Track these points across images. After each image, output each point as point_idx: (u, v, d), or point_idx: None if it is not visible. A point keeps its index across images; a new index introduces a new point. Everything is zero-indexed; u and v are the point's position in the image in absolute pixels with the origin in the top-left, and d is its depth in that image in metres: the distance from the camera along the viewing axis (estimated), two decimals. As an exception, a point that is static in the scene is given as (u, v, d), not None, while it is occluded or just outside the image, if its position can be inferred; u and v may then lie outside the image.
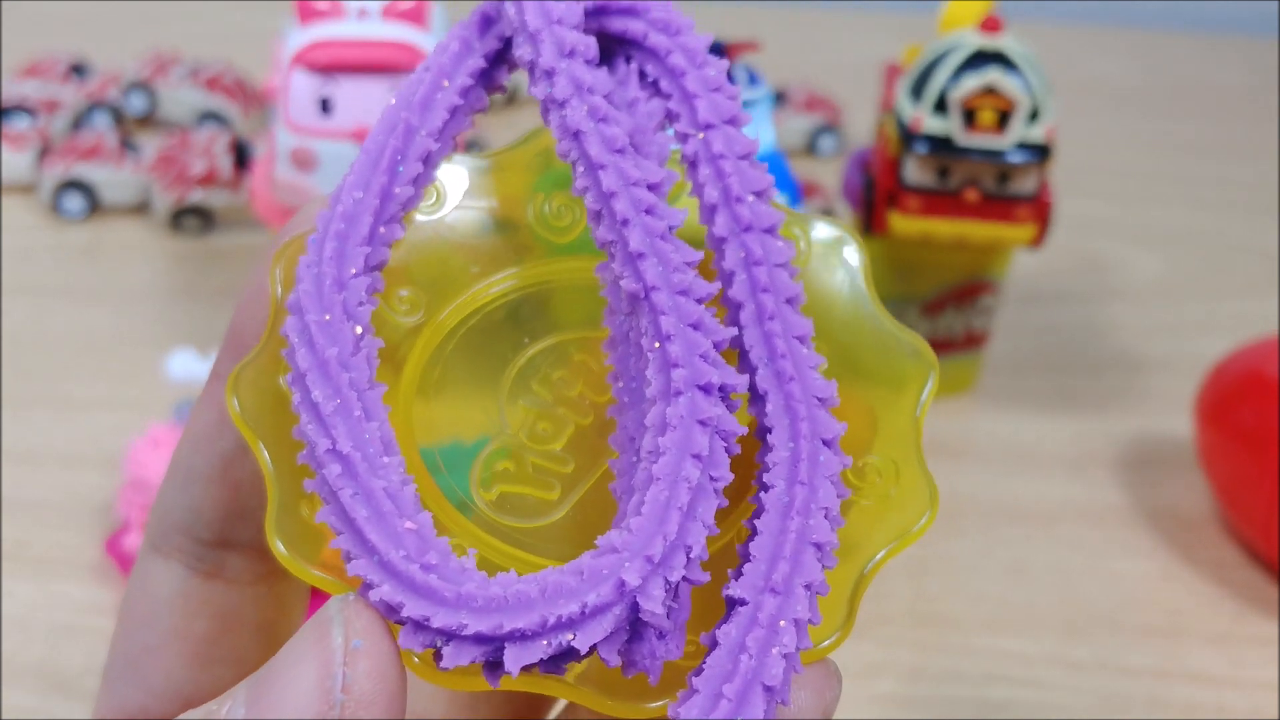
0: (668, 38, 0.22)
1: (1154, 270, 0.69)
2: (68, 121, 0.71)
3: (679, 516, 0.17)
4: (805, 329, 0.19)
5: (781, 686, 0.17)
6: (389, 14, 0.47)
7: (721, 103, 0.21)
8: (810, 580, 0.18)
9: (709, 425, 0.18)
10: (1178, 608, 0.46)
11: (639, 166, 0.19)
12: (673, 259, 0.19)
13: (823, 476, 0.19)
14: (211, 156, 0.65)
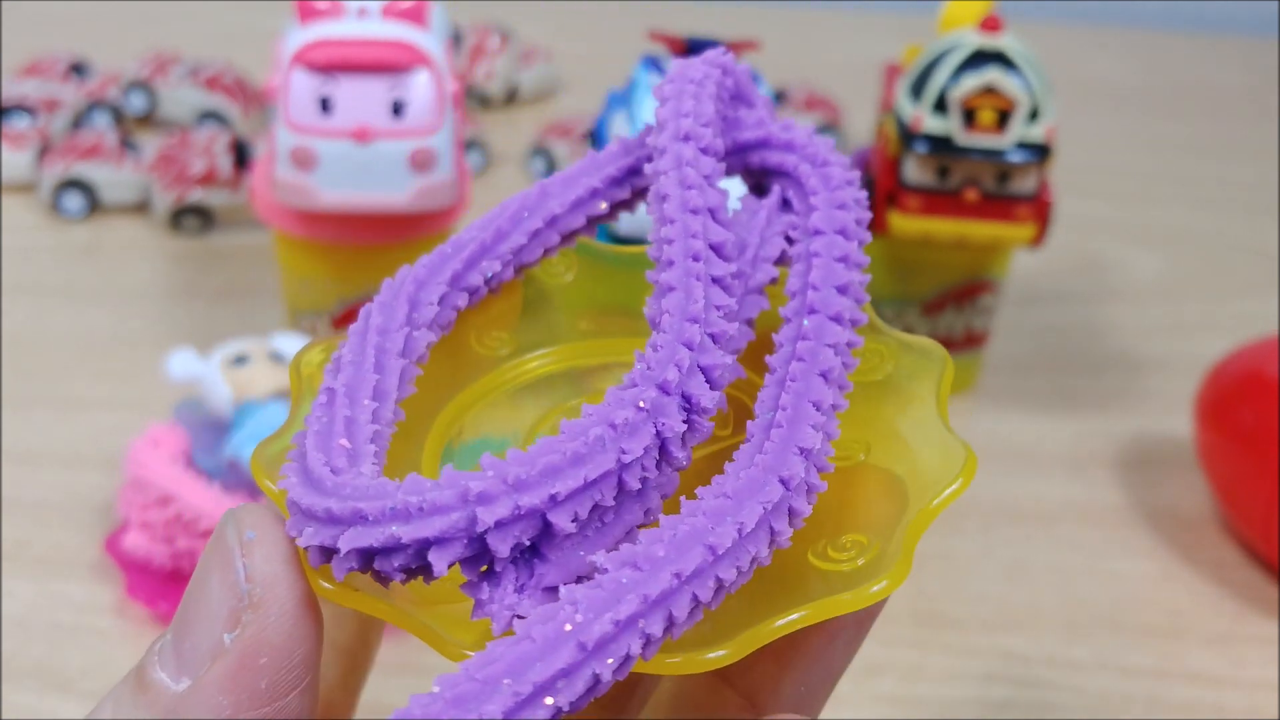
0: (813, 168, 0.23)
1: (1154, 270, 0.69)
2: (68, 121, 0.71)
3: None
4: (823, 397, 0.19)
5: (800, 481, 0.18)
6: (389, 13, 0.47)
7: (838, 215, 0.22)
8: (818, 399, 0.19)
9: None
10: (1178, 608, 0.46)
11: (706, 228, 0.21)
12: (701, 296, 0.20)
13: (828, 318, 0.20)
14: (211, 156, 0.65)
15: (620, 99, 0.52)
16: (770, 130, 0.23)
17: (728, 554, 0.17)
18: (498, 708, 0.15)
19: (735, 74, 0.24)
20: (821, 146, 0.23)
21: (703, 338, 0.19)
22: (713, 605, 0.17)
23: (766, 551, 0.17)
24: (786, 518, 0.18)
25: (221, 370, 0.44)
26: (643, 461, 0.18)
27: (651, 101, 0.48)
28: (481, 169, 0.73)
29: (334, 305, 0.51)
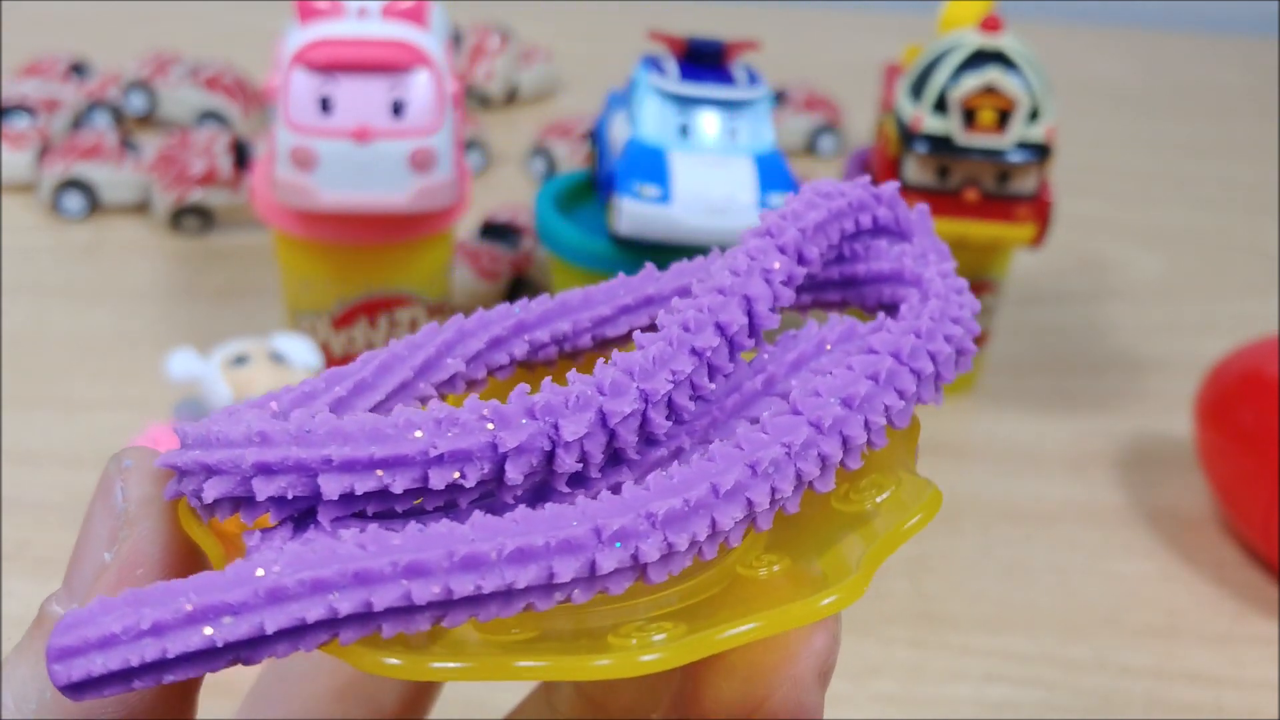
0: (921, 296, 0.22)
1: (1154, 270, 0.69)
2: (68, 121, 0.71)
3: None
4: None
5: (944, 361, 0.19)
6: (389, 13, 0.47)
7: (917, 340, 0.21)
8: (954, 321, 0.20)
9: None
10: (1177, 608, 0.46)
11: (722, 307, 0.20)
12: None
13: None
14: (211, 156, 0.65)
15: (620, 99, 0.52)
16: (904, 265, 0.22)
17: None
18: (155, 614, 0.15)
19: (894, 207, 0.22)
20: (941, 283, 0.21)
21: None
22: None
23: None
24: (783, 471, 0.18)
25: (221, 370, 0.44)
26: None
27: (652, 101, 0.48)
28: (481, 169, 0.73)
29: (334, 305, 0.51)
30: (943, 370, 0.20)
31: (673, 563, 0.17)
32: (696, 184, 0.46)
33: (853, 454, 0.18)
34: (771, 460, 0.17)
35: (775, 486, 0.17)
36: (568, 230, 0.50)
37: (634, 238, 0.47)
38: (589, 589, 0.17)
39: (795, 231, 0.21)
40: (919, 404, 0.20)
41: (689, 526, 0.17)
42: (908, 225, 0.22)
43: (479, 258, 0.59)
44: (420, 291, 0.51)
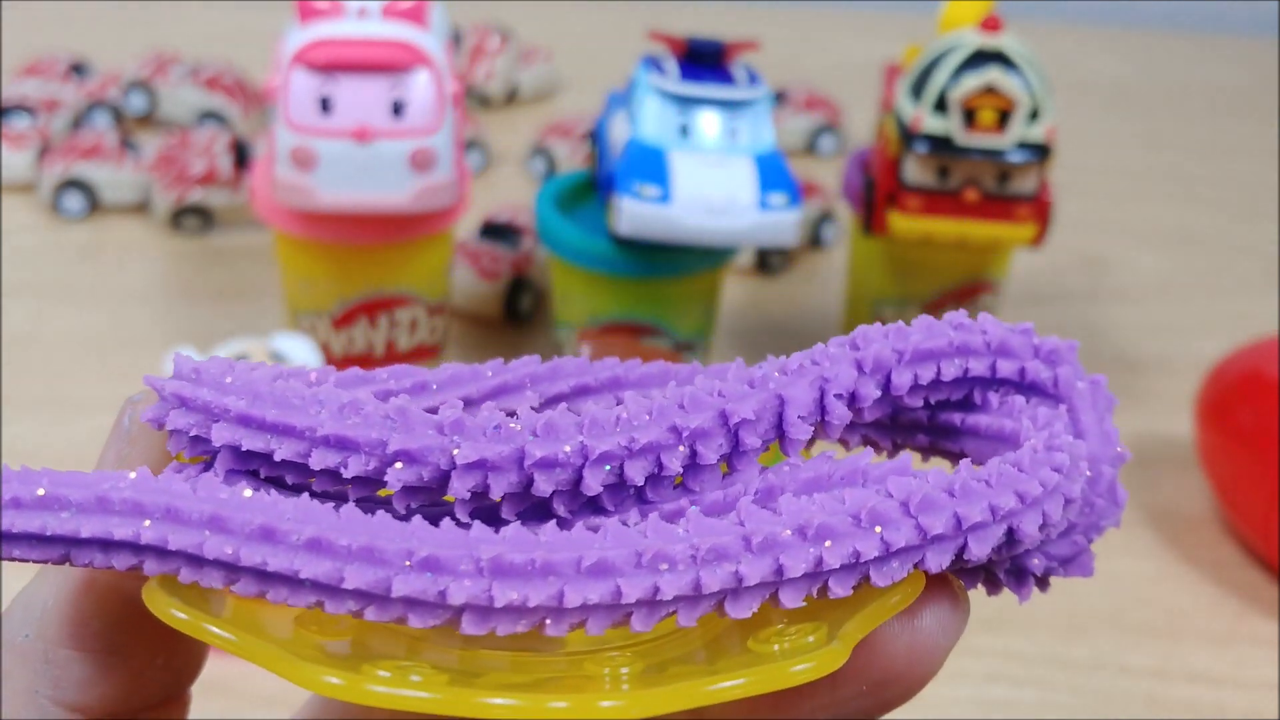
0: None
1: (1154, 270, 0.69)
2: (68, 121, 0.71)
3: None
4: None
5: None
6: (389, 13, 0.47)
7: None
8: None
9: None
10: (1178, 608, 0.46)
11: (737, 395, 0.18)
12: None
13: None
14: (211, 156, 0.65)
15: (620, 99, 0.52)
16: (1016, 427, 0.19)
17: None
18: (17, 490, 0.17)
19: (1053, 364, 0.19)
20: (1042, 455, 0.18)
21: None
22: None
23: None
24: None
25: (221, 370, 0.44)
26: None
27: (652, 101, 0.48)
28: (481, 169, 0.73)
29: (334, 305, 0.51)
30: (973, 543, 0.17)
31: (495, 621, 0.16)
32: (696, 184, 0.46)
33: (790, 588, 0.16)
34: (664, 555, 0.16)
35: (658, 585, 0.16)
36: (568, 230, 0.50)
37: (634, 238, 0.47)
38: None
39: (889, 351, 0.19)
40: (924, 569, 0.17)
41: (522, 588, 0.16)
42: (1068, 390, 0.19)
43: (479, 258, 0.59)
44: (420, 291, 0.51)
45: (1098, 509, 0.19)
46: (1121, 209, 0.76)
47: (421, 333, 0.52)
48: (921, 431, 0.20)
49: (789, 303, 0.63)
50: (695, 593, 0.16)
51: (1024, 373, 0.19)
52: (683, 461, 0.18)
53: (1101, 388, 0.19)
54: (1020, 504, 0.17)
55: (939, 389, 0.19)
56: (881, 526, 0.16)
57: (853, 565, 0.16)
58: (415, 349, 0.52)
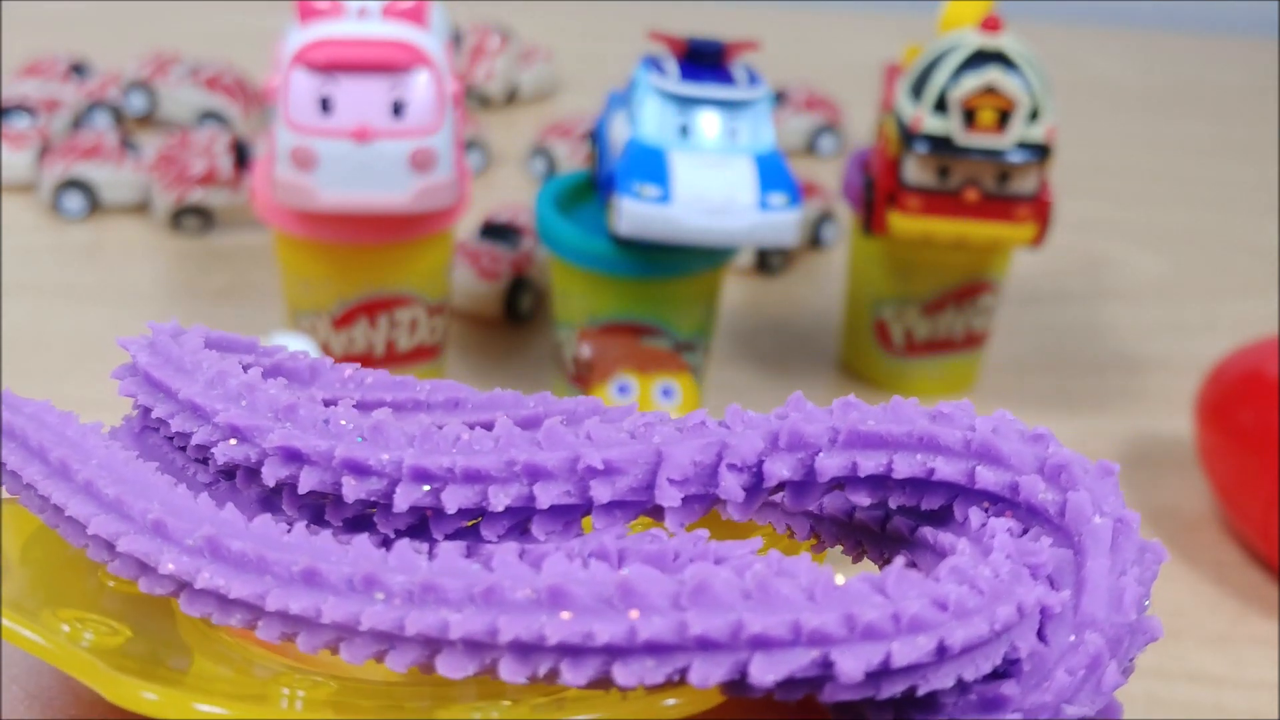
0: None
1: (1154, 270, 0.69)
2: (68, 121, 0.71)
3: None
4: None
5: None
6: (389, 13, 0.47)
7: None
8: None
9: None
10: (1178, 608, 0.46)
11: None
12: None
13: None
14: (211, 156, 0.65)
15: (620, 99, 0.52)
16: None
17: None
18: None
19: (1064, 487, 0.15)
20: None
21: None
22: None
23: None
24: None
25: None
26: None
27: (652, 101, 0.48)
28: (481, 169, 0.73)
29: (334, 305, 0.51)
30: (757, 664, 0.13)
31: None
32: (696, 184, 0.46)
33: (510, 659, 0.14)
34: (379, 583, 0.14)
35: (361, 614, 0.14)
36: (568, 230, 0.50)
37: (634, 238, 0.47)
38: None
39: (820, 426, 0.15)
40: (688, 682, 0.14)
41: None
42: (1076, 526, 0.15)
43: (479, 258, 0.59)
44: (420, 291, 0.51)
45: (1057, 686, 0.14)
46: (1121, 209, 0.76)
47: (421, 333, 0.52)
48: (903, 545, 0.16)
49: (789, 303, 0.63)
50: (397, 631, 0.14)
51: (1017, 489, 0.15)
52: (514, 501, 0.15)
53: (1131, 529, 0.15)
54: (846, 631, 0.13)
55: (900, 491, 0.16)
56: (638, 610, 0.13)
57: (585, 649, 0.13)
58: (415, 349, 0.52)
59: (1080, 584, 0.14)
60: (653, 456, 0.15)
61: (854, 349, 0.57)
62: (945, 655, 0.13)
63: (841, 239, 0.66)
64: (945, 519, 0.16)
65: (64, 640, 0.16)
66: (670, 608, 0.13)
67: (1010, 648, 0.14)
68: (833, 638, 0.13)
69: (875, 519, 0.16)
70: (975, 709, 0.14)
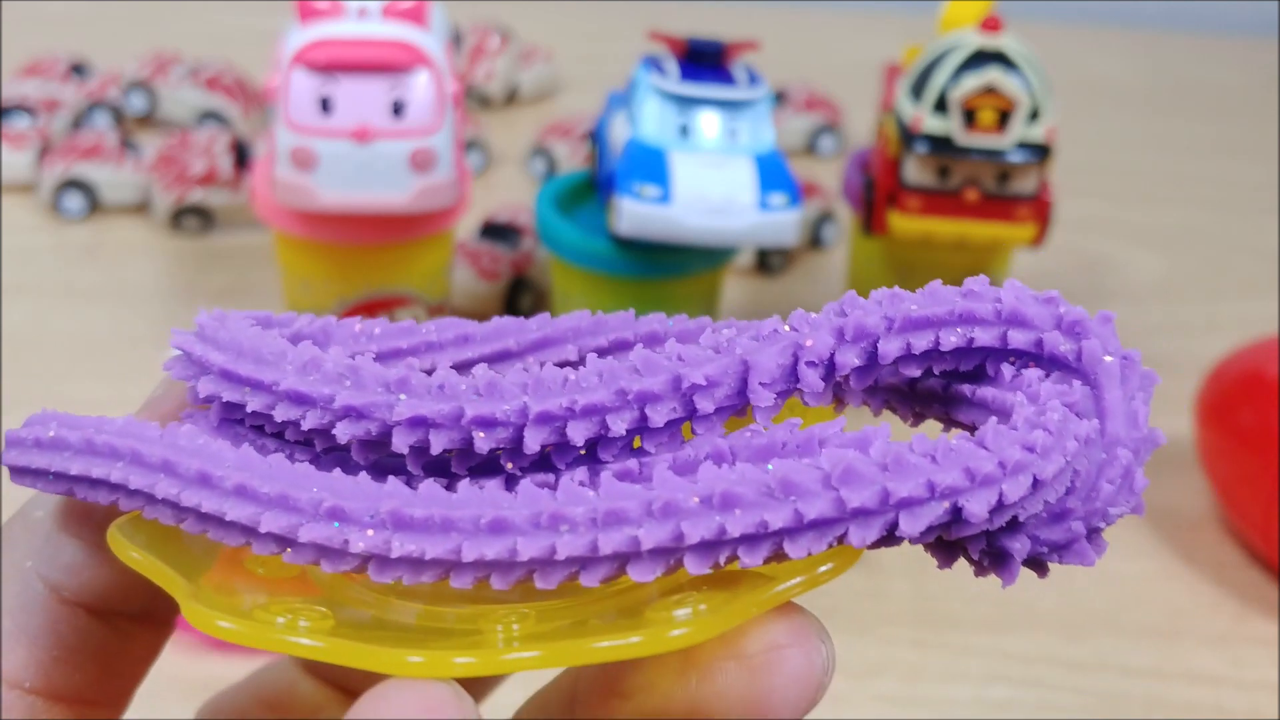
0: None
1: (1154, 270, 0.69)
2: (68, 121, 0.71)
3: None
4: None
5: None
6: (389, 13, 0.47)
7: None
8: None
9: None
10: (1178, 608, 0.46)
11: (696, 358, 0.18)
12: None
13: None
14: (211, 156, 0.65)
15: (620, 99, 0.52)
16: (1016, 399, 0.18)
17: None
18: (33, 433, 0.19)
19: (1077, 337, 0.18)
20: (1031, 433, 0.17)
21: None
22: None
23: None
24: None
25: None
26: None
27: (652, 101, 0.48)
28: (481, 169, 0.73)
29: (334, 305, 0.51)
30: (905, 520, 0.16)
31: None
32: (696, 184, 0.46)
33: (693, 556, 0.16)
34: (563, 516, 0.16)
35: (555, 545, 0.16)
36: (568, 230, 0.50)
37: (634, 238, 0.47)
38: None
39: (878, 318, 0.18)
40: (848, 544, 0.16)
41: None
42: (1092, 367, 0.18)
43: (479, 258, 0.59)
44: (420, 292, 0.51)
45: (1104, 494, 0.17)
46: (1121, 209, 0.76)
47: (421, 333, 0.52)
48: (937, 402, 0.19)
49: (789, 303, 0.63)
50: (592, 554, 0.16)
51: (1041, 344, 0.18)
52: (630, 425, 0.17)
53: (1134, 363, 0.18)
54: (969, 482, 0.16)
55: (943, 359, 0.18)
56: (797, 497, 0.16)
57: (761, 535, 0.16)
58: (415, 349, 0.52)
59: (1103, 413, 0.18)
60: (740, 366, 0.18)
61: (854, 349, 0.57)
62: (1038, 487, 0.16)
63: (841, 239, 0.66)
64: (979, 376, 0.19)
65: (305, 633, 0.16)
66: (824, 489, 0.16)
67: (1073, 472, 0.17)
68: (959, 489, 0.16)
69: (936, 388, 0.19)
70: (1047, 523, 0.17)
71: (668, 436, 0.18)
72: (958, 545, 0.18)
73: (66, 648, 0.20)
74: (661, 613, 0.17)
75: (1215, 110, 0.91)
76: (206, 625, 0.16)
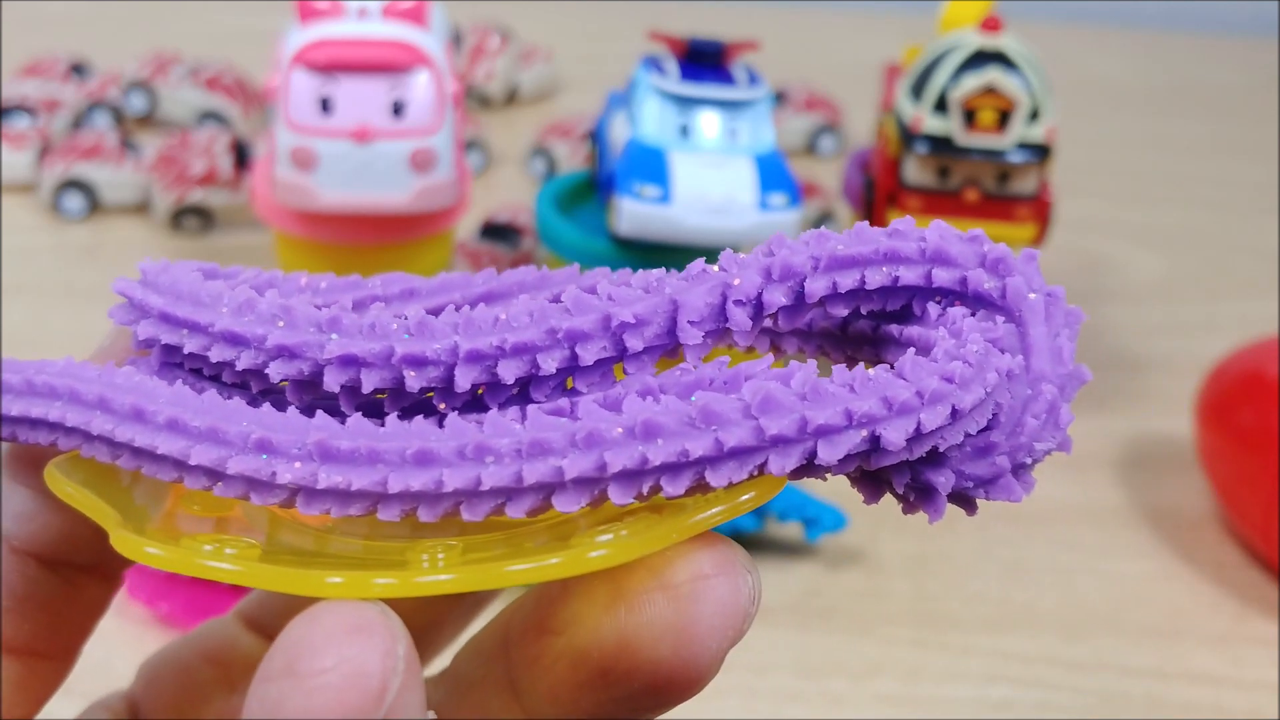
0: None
1: (1154, 270, 0.69)
2: (68, 121, 0.71)
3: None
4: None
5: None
6: (389, 13, 0.47)
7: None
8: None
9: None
10: (1178, 608, 0.46)
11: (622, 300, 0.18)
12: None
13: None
14: (211, 156, 0.65)
15: (620, 99, 0.52)
16: (939, 336, 0.18)
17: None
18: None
19: (1001, 274, 0.18)
20: (950, 364, 0.17)
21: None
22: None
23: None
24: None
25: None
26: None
27: (652, 101, 0.48)
28: (481, 169, 0.73)
29: (334, 305, 0.51)
30: (823, 448, 0.16)
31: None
32: (696, 184, 0.46)
33: (616, 485, 0.16)
34: (487, 447, 0.16)
35: (480, 476, 0.16)
36: (568, 230, 0.50)
37: (634, 238, 0.47)
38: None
39: (804, 258, 0.18)
40: (768, 473, 0.17)
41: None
42: (1016, 304, 0.18)
43: (479, 258, 0.59)
44: (420, 291, 0.51)
45: (1029, 429, 0.17)
46: (1121, 209, 0.76)
47: (421, 333, 0.52)
48: (867, 344, 0.19)
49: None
50: (517, 484, 0.16)
51: (965, 282, 0.18)
52: (561, 363, 0.18)
53: (1059, 300, 0.18)
54: (886, 410, 0.16)
55: (870, 299, 0.18)
56: (718, 426, 0.16)
57: (682, 465, 0.16)
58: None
59: (1027, 349, 0.18)
60: (669, 305, 0.18)
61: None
62: (957, 417, 0.16)
63: (841, 239, 0.66)
64: (905, 318, 0.19)
65: (228, 558, 0.17)
66: (744, 418, 0.16)
67: (994, 404, 0.17)
68: (876, 417, 0.16)
69: (865, 329, 0.19)
70: (971, 457, 0.17)
71: (599, 376, 0.18)
72: (883, 479, 0.18)
73: (16, 598, 0.20)
74: (586, 539, 0.17)
75: (1215, 110, 0.91)
76: (134, 552, 0.17)
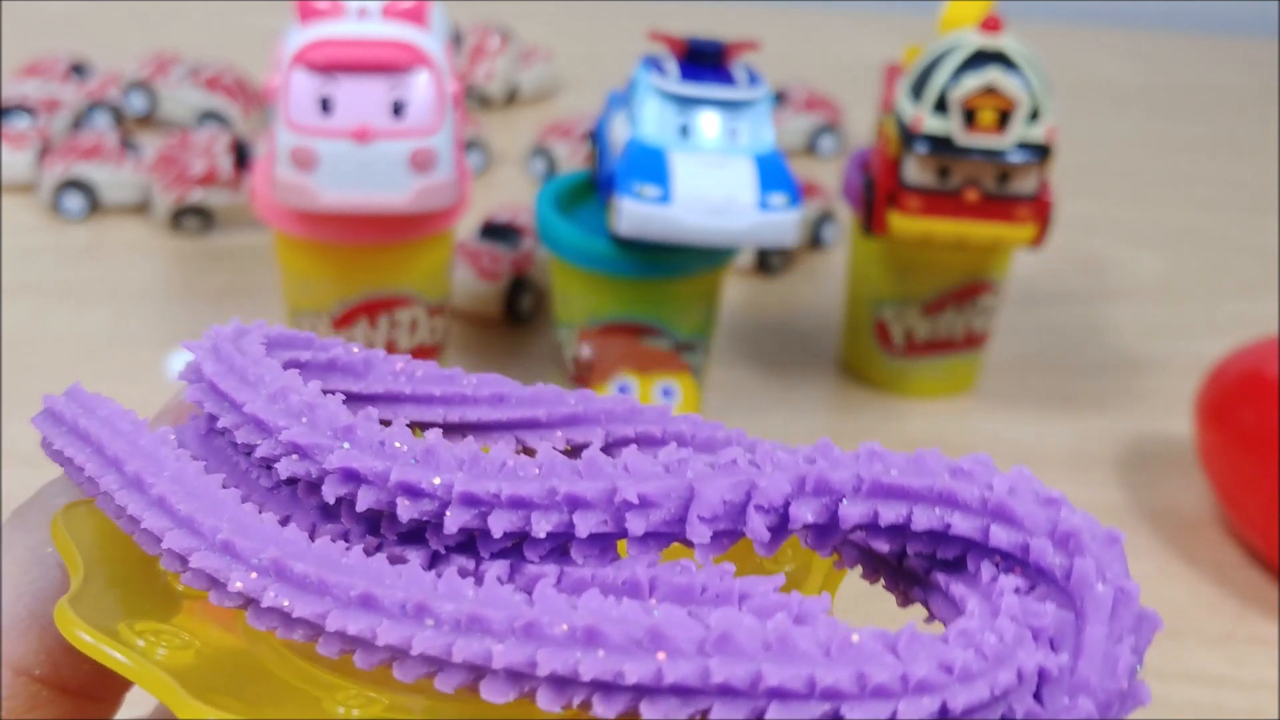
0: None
1: (1154, 270, 0.69)
2: (68, 121, 0.71)
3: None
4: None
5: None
6: (389, 13, 0.47)
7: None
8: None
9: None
10: (1178, 608, 0.46)
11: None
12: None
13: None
14: (211, 156, 0.65)
15: (620, 99, 0.52)
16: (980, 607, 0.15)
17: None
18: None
19: (1071, 552, 0.15)
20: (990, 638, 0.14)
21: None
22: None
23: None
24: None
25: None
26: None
27: (652, 101, 0.48)
28: (481, 169, 0.73)
29: (334, 305, 0.51)
30: (774, 711, 0.14)
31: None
32: (697, 184, 0.46)
33: (546, 689, 0.15)
34: (429, 610, 0.15)
35: (414, 637, 0.15)
36: (568, 230, 0.50)
37: (634, 238, 0.47)
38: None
39: (846, 474, 0.16)
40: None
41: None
42: (1080, 591, 0.15)
43: (479, 258, 0.59)
44: (420, 292, 0.51)
45: None
46: (1121, 209, 0.76)
47: (422, 333, 0.52)
48: (918, 584, 0.17)
49: (789, 303, 0.63)
50: (446, 657, 0.15)
51: (1027, 550, 0.15)
52: (556, 528, 0.16)
53: (1131, 600, 0.15)
54: (856, 689, 0.14)
55: (917, 539, 0.16)
56: (666, 653, 0.14)
57: (616, 687, 0.14)
58: (415, 349, 0.52)
59: (1078, 648, 0.15)
60: (685, 492, 0.16)
61: (854, 349, 0.57)
62: (946, 716, 0.14)
63: (841, 239, 0.66)
64: (959, 567, 0.16)
65: (139, 657, 0.16)
66: (696, 653, 0.14)
67: (1007, 708, 0.14)
68: (844, 694, 0.14)
69: (894, 555, 0.17)
70: None
71: (598, 551, 0.16)
72: None
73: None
74: None
75: (1215, 110, 0.91)
76: (66, 630, 0.16)
